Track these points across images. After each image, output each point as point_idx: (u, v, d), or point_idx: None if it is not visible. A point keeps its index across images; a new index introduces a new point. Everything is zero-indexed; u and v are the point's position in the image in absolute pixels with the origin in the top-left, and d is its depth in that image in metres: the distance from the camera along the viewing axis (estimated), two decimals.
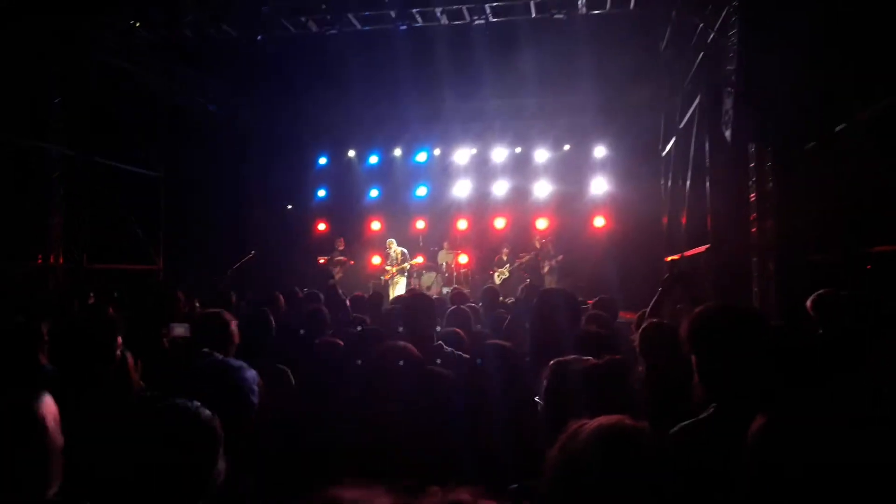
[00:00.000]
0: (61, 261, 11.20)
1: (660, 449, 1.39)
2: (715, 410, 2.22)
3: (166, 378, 3.08)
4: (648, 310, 4.56)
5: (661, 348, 3.42)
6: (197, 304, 7.44)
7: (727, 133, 7.57)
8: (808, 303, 3.84)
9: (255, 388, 2.49)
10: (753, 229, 8.62)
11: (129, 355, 3.00)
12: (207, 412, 1.91)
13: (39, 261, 10.98)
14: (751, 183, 8.69)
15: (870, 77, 6.34)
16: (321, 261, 15.28)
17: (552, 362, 2.37)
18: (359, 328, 4.71)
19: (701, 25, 9.85)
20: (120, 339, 2.97)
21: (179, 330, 4.32)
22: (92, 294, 7.02)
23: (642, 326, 3.89)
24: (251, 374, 2.51)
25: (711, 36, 9.17)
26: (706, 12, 9.52)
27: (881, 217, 6.36)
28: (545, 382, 2.34)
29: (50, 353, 3.05)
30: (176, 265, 13.16)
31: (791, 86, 6.88)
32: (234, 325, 3.65)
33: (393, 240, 15.06)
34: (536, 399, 2.36)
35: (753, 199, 8.63)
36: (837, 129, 7.18)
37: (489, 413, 2.90)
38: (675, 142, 12.04)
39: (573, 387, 2.24)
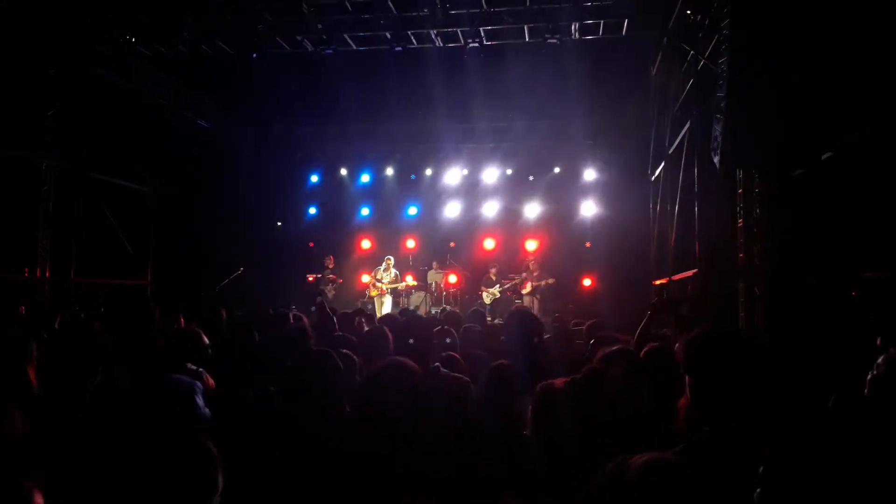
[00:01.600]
0: (48, 274, 11.13)
1: (704, 487, 1.42)
2: (709, 433, 2.22)
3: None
4: (637, 333, 4.58)
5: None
6: (182, 320, 7.40)
7: (716, 159, 7.64)
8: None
9: (199, 396, 2.50)
10: (741, 254, 8.68)
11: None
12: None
13: (26, 273, 10.91)
14: (738, 209, 8.77)
15: (857, 105, 6.43)
16: (310, 278, 15.24)
17: (539, 386, 2.37)
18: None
19: (691, 52, 9.99)
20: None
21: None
22: (79, 309, 6.96)
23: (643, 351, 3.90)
24: (194, 383, 2.52)
25: (701, 63, 9.29)
26: (696, 40, 9.66)
27: (867, 243, 6.43)
28: (531, 408, 2.34)
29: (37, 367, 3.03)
30: (164, 280, 13.10)
31: (779, 113, 6.97)
32: (205, 340, 3.75)
33: (391, 257, 15.06)
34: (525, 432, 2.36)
35: (741, 224, 8.71)
36: (824, 156, 7.27)
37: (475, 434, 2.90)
38: (664, 166, 12.14)
39: (559, 406, 2.24)
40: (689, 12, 9.91)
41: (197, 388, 2.53)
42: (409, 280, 14.94)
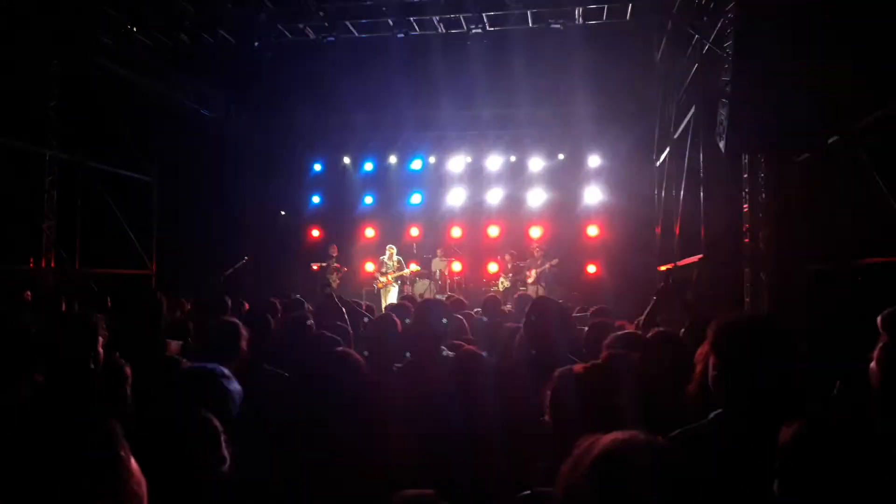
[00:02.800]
0: (53, 264, 11.16)
1: (673, 464, 1.36)
2: (719, 416, 2.22)
3: (152, 385, 3.08)
4: (643, 319, 4.58)
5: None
6: (188, 307, 7.42)
7: (721, 144, 7.60)
8: (879, 320, 3.76)
9: (237, 398, 2.50)
10: (746, 240, 8.66)
11: (126, 367, 2.98)
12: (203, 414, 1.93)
13: (31, 264, 10.93)
14: (744, 193, 8.74)
15: (863, 89, 6.39)
16: (314, 267, 15.25)
17: (556, 372, 2.36)
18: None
19: (696, 36, 9.92)
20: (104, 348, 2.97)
21: (174, 346, 4.35)
22: (71, 300, 6.97)
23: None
24: (235, 385, 2.52)
25: (707, 47, 9.23)
26: (701, 23, 9.59)
27: (873, 228, 6.40)
28: (549, 395, 2.33)
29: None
30: (169, 270, 13.12)
31: (785, 97, 6.92)
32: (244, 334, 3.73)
33: (393, 246, 15.05)
34: (545, 418, 2.35)
35: (746, 209, 8.68)
36: (830, 140, 7.23)
37: (487, 424, 2.90)
38: (669, 152, 12.09)
39: (577, 392, 2.24)
40: None
41: (220, 370, 2.52)
42: (413, 266, 14.94)
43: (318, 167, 17.60)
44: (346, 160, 17.47)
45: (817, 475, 1.47)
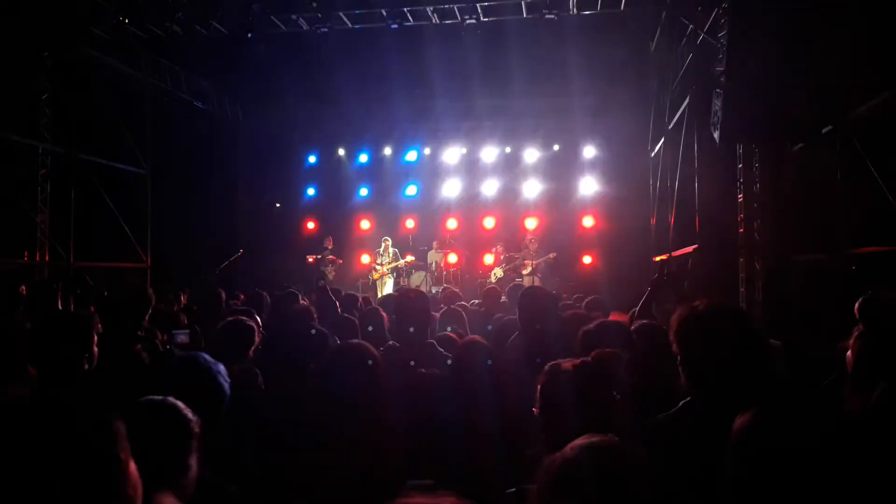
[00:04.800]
0: (47, 258, 11.13)
1: (647, 471, 1.39)
2: (690, 402, 2.27)
3: (141, 374, 3.08)
4: (637, 309, 4.58)
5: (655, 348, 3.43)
6: (184, 300, 7.42)
7: (716, 134, 7.61)
8: (856, 306, 3.79)
9: (226, 381, 2.50)
10: (741, 230, 8.68)
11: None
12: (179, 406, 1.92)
13: (26, 258, 10.90)
14: (738, 183, 8.75)
15: (857, 79, 6.39)
16: (310, 259, 15.24)
17: (547, 366, 2.37)
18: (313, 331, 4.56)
19: (691, 27, 9.90)
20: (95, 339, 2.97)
21: (182, 338, 4.34)
22: (66, 295, 6.94)
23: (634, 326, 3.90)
24: (222, 367, 2.52)
25: (701, 37, 9.21)
26: (696, 14, 9.57)
27: (867, 218, 6.42)
28: (539, 387, 2.34)
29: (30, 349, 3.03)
30: (164, 263, 13.09)
31: (779, 88, 6.93)
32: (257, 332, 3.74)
33: (389, 238, 15.05)
34: (534, 410, 2.36)
35: (741, 199, 8.69)
36: (824, 130, 7.24)
37: (480, 416, 2.90)
38: (663, 142, 12.09)
39: (567, 388, 2.25)
40: None
41: (216, 366, 2.52)
42: (408, 258, 14.93)
43: (312, 159, 17.56)
44: (341, 152, 17.44)
45: (766, 463, 1.48)
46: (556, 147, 16.21)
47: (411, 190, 17.05)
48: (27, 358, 2.98)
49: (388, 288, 14.49)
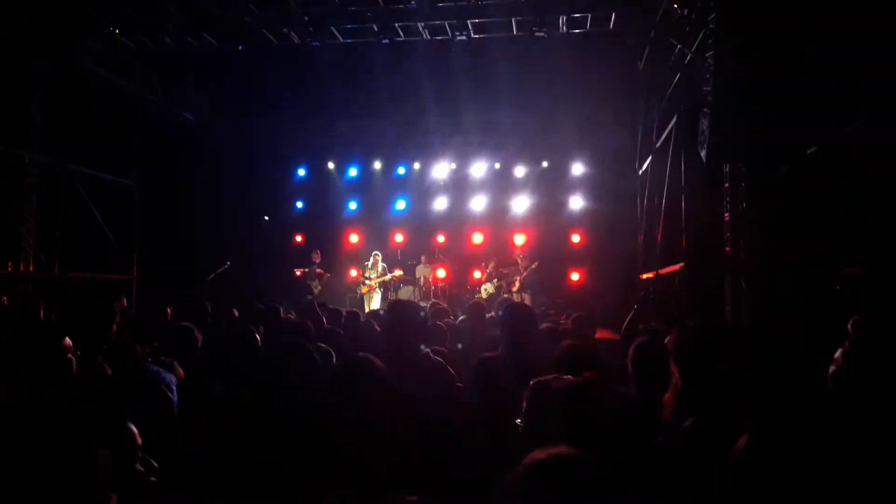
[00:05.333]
0: (31, 269, 11.03)
1: (601, 480, 1.41)
2: (692, 424, 2.24)
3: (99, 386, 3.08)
4: (624, 327, 4.60)
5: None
6: (169, 313, 7.36)
7: (702, 153, 7.67)
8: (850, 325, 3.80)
9: (174, 387, 2.52)
10: (727, 248, 8.72)
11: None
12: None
13: (10, 268, 10.80)
14: (725, 202, 8.80)
15: (843, 100, 6.46)
16: (297, 273, 15.19)
17: (532, 382, 2.37)
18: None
19: (678, 46, 10.00)
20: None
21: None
22: (49, 306, 6.89)
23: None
24: (169, 376, 2.55)
25: (689, 57, 9.31)
26: (684, 33, 9.67)
27: (852, 239, 6.47)
28: (525, 403, 2.34)
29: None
30: (150, 275, 13.01)
31: (766, 107, 6.99)
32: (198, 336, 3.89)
33: (379, 253, 15.04)
34: (518, 422, 2.36)
35: (727, 218, 8.75)
36: (810, 151, 7.31)
37: (468, 428, 2.89)
38: (651, 160, 12.17)
39: (552, 407, 2.25)
40: (675, 6, 9.91)
41: (172, 380, 2.55)
42: (396, 272, 14.92)
43: (301, 172, 17.56)
44: (331, 165, 17.44)
45: (766, 485, 1.48)
46: (544, 164, 16.29)
47: (400, 204, 17.07)
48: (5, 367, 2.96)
49: (375, 302, 14.46)
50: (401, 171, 17.15)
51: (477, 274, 15.31)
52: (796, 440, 1.50)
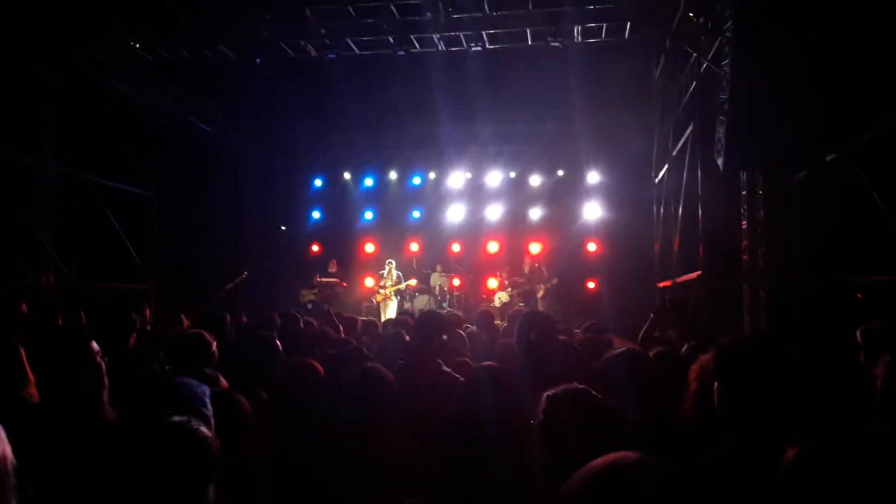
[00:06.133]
0: (52, 279, 11.13)
1: (662, 482, 1.33)
2: (736, 443, 2.17)
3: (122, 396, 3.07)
4: (641, 336, 4.57)
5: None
6: (185, 322, 7.40)
7: (719, 161, 7.62)
8: (858, 333, 3.76)
9: (207, 400, 2.47)
10: (745, 257, 8.66)
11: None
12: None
13: (31, 279, 10.91)
14: (742, 211, 8.75)
15: (861, 107, 6.41)
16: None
17: (546, 395, 2.34)
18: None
19: (694, 55, 9.98)
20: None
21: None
22: (68, 314, 6.94)
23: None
24: (203, 388, 2.49)
25: (704, 65, 9.28)
26: (699, 42, 9.65)
27: (871, 246, 6.40)
28: (540, 416, 2.31)
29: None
30: (168, 285, 13.09)
31: (783, 115, 6.95)
32: (214, 346, 3.81)
33: (393, 261, 15.07)
34: (532, 422, 2.34)
35: (745, 226, 8.69)
36: (828, 158, 7.25)
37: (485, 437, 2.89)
38: (667, 169, 12.12)
39: (569, 424, 2.21)
40: (691, 14, 9.90)
41: (206, 392, 2.51)
42: (411, 281, 14.94)
43: (318, 183, 17.67)
44: (347, 176, 17.53)
45: (823, 497, 1.43)
46: (560, 172, 16.28)
47: (416, 214, 17.11)
48: (24, 372, 2.97)
49: (391, 310, 14.47)
50: (416, 180, 17.21)
51: (492, 282, 15.30)
52: (852, 451, 1.47)
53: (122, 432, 1.83)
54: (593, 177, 15.91)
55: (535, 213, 16.23)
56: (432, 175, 17.07)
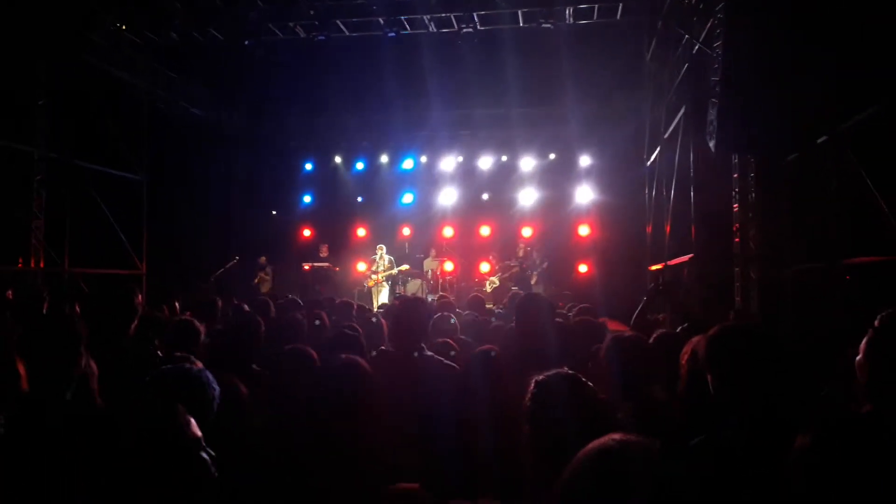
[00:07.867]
0: (42, 264, 11.08)
1: (654, 462, 1.33)
2: (734, 430, 2.18)
3: (126, 383, 3.06)
4: (633, 319, 4.58)
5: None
6: (177, 308, 7.38)
7: (711, 144, 7.62)
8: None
9: (216, 388, 2.46)
10: (736, 239, 8.69)
11: (92, 364, 2.94)
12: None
13: (20, 264, 10.86)
14: (734, 193, 8.77)
15: (852, 89, 6.41)
16: (306, 267, 15.22)
17: (534, 380, 2.33)
18: (316, 322, 4.73)
19: (686, 37, 9.94)
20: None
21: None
22: (57, 301, 6.89)
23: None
24: (210, 377, 2.49)
25: (696, 47, 9.25)
26: (691, 24, 9.61)
27: (862, 228, 6.43)
28: (528, 402, 2.30)
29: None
30: (159, 270, 13.05)
31: (774, 98, 6.94)
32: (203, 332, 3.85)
33: (383, 246, 15.04)
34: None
35: (736, 209, 8.71)
36: (820, 140, 7.26)
37: (476, 420, 2.90)
38: (659, 151, 12.12)
39: (557, 409, 2.20)
40: None
41: (203, 372, 2.50)
42: (403, 266, 14.93)
43: (309, 167, 17.57)
44: (338, 159, 17.45)
45: (836, 481, 1.43)
46: (551, 156, 16.25)
47: (407, 198, 17.06)
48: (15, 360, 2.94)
49: (383, 296, 14.46)
50: (408, 164, 17.13)
51: (484, 266, 15.31)
52: (865, 435, 1.47)
53: (115, 420, 1.80)
54: (585, 160, 15.89)
55: (528, 197, 16.21)
56: (424, 159, 17.00)
